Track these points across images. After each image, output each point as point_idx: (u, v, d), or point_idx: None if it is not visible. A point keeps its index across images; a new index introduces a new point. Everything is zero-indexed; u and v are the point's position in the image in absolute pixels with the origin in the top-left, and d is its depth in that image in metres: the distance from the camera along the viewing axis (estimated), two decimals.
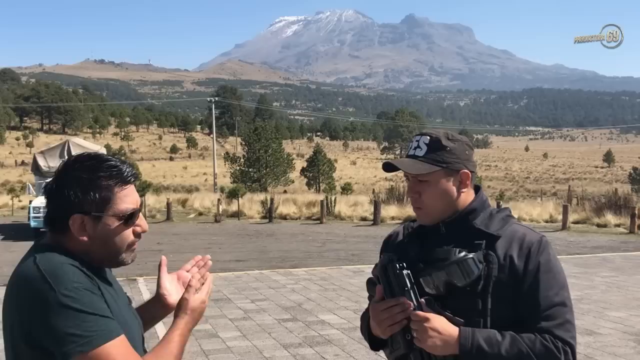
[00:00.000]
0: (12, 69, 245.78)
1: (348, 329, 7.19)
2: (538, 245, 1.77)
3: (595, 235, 18.42)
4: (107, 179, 1.56)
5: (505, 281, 1.72)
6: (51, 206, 1.59)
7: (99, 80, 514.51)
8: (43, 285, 1.44)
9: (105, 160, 1.59)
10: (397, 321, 1.68)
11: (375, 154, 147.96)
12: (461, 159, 1.84)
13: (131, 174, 1.61)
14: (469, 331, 1.67)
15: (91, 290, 1.47)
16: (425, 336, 1.65)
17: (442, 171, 1.81)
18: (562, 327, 1.70)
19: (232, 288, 10.01)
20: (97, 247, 1.57)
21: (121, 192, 1.58)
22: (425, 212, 1.84)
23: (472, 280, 1.68)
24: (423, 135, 1.88)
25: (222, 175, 60.32)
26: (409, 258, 1.78)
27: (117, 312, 1.56)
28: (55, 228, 1.59)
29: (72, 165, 1.58)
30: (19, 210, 27.62)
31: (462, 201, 1.85)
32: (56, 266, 1.48)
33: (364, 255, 14.00)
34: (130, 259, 1.64)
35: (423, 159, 1.82)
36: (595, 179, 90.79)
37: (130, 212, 1.59)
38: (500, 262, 1.73)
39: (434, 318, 1.66)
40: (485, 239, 1.77)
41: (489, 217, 1.84)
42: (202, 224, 22.74)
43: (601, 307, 8.47)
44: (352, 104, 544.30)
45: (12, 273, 1.56)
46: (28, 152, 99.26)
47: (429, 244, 1.81)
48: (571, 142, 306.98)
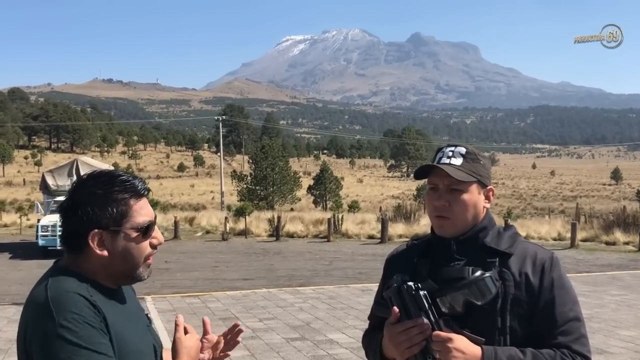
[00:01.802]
0: (21, 89, 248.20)
1: (357, 348, 7.15)
2: (550, 262, 1.80)
3: (604, 253, 18.31)
4: (123, 193, 1.58)
5: (522, 298, 1.73)
6: (67, 225, 1.59)
7: (107, 99, 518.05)
8: (45, 312, 1.47)
9: (118, 175, 1.62)
10: (416, 343, 1.66)
11: (382, 171, 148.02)
12: (489, 176, 1.89)
13: (144, 188, 1.63)
14: (492, 350, 1.66)
15: (91, 323, 1.47)
16: (449, 356, 1.62)
17: (476, 182, 1.83)
18: (579, 341, 1.73)
19: (239, 307, 9.99)
20: (117, 262, 1.59)
21: (136, 205, 1.60)
22: (452, 222, 1.82)
23: (490, 299, 1.68)
24: (457, 146, 1.89)
25: (229, 194, 60.36)
26: (421, 277, 1.76)
27: (127, 335, 1.56)
28: (72, 246, 1.60)
29: (86, 182, 1.60)
30: (27, 228, 27.71)
31: (481, 217, 1.86)
32: (62, 294, 1.49)
33: (372, 273, 13.94)
34: (146, 274, 1.65)
35: (461, 167, 1.82)
36: (603, 197, 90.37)
37: (147, 224, 1.61)
38: (516, 279, 1.74)
39: (457, 338, 1.64)
40: (498, 257, 1.77)
41: (498, 235, 1.84)
42: (210, 242, 22.74)
43: (612, 325, 8.40)
44: (358, 122, 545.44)
45: (30, 292, 1.60)
46: (36, 171, 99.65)
47: (439, 262, 1.80)
48: (578, 160, 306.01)
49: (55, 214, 17.93)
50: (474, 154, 1.86)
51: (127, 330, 1.57)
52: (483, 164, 1.86)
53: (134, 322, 1.64)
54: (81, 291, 1.51)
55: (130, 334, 1.58)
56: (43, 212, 20.24)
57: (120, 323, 1.56)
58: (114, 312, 1.57)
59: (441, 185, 1.83)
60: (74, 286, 1.52)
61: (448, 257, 1.81)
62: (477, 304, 1.68)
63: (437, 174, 1.83)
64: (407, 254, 1.96)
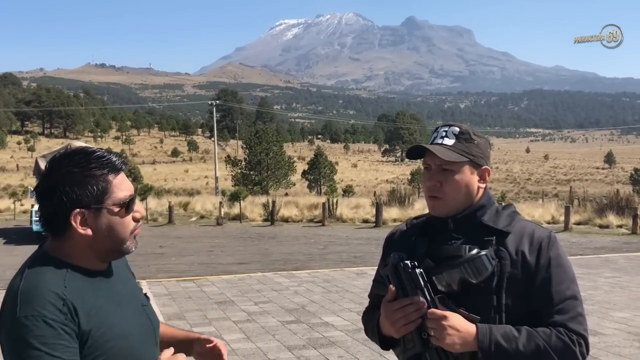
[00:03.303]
0: (13, 74, 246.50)
1: (352, 331, 7.18)
2: (548, 240, 1.79)
3: (598, 236, 18.41)
4: (100, 169, 1.55)
5: (518, 276, 1.72)
6: (46, 208, 1.55)
7: (100, 84, 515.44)
8: (13, 304, 1.46)
9: (93, 151, 1.58)
10: (412, 320, 1.67)
11: (376, 156, 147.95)
12: (485, 156, 1.87)
13: (121, 162, 1.60)
14: (487, 328, 1.66)
15: (50, 323, 1.43)
16: (444, 334, 1.63)
17: (468, 162, 1.82)
18: (575, 320, 1.72)
19: (235, 290, 10.01)
20: (102, 240, 1.56)
21: (115, 180, 1.57)
22: (444, 202, 1.82)
23: (486, 277, 1.68)
24: (451, 125, 1.88)
25: (224, 179, 60.28)
26: (418, 255, 1.77)
27: (113, 319, 1.54)
28: (53, 230, 1.56)
29: (61, 162, 1.55)
30: (21, 214, 27.66)
31: (476, 197, 1.85)
32: (32, 289, 1.47)
33: (367, 257, 13.99)
34: (133, 246, 1.63)
35: (452, 147, 1.81)
36: (596, 180, 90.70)
37: (129, 199, 1.58)
38: (512, 257, 1.74)
39: (451, 316, 1.65)
40: (495, 235, 1.77)
41: (496, 214, 1.84)
42: (204, 227, 22.74)
43: (605, 307, 8.47)
44: (352, 107, 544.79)
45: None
46: (29, 156, 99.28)
47: (437, 241, 1.81)
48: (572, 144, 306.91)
49: None
50: (467, 133, 1.84)
51: (113, 314, 1.55)
52: (477, 144, 1.84)
53: (123, 305, 1.61)
54: (53, 286, 1.48)
55: (116, 317, 1.55)
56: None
57: (104, 307, 1.54)
58: (95, 297, 1.54)
59: (433, 165, 1.83)
60: (47, 278, 1.49)
61: (446, 236, 1.81)
62: (473, 282, 1.68)
63: (429, 154, 1.83)
64: (406, 233, 1.96)
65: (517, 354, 1.65)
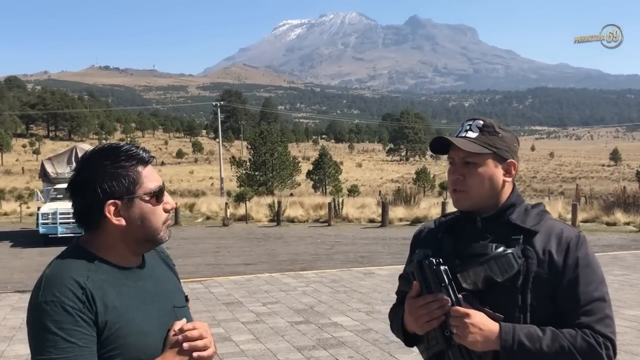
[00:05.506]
0: (17, 77, 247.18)
1: (361, 331, 7.15)
2: (576, 240, 1.75)
3: (605, 234, 18.33)
4: (130, 161, 1.60)
5: (545, 276, 1.70)
6: (80, 202, 1.60)
7: (104, 86, 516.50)
8: (37, 289, 1.52)
9: (121, 146, 1.64)
10: (435, 317, 1.66)
11: (381, 155, 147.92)
12: (510, 150, 1.84)
13: (148, 155, 1.66)
14: (510, 327, 1.65)
15: (68, 309, 1.47)
16: (466, 332, 1.62)
17: (492, 155, 1.80)
18: (603, 322, 1.68)
19: (242, 291, 9.99)
20: (135, 229, 1.60)
21: (144, 171, 1.62)
22: (467, 195, 1.80)
23: (511, 276, 1.67)
24: (476, 119, 1.87)
25: (229, 179, 60.34)
26: (444, 253, 1.76)
27: (134, 315, 1.56)
28: (87, 223, 1.61)
29: (92, 157, 1.61)
30: (27, 217, 27.72)
31: (503, 192, 1.83)
32: (56, 275, 1.52)
33: (374, 257, 13.96)
34: (167, 235, 1.68)
35: (475, 140, 1.80)
36: (602, 178, 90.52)
37: (159, 189, 1.63)
38: (540, 257, 1.72)
39: (474, 314, 1.64)
40: (523, 235, 1.75)
41: (525, 213, 1.81)
42: (210, 228, 22.74)
43: (615, 305, 8.33)
44: (356, 106, 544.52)
45: None
46: (35, 159, 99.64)
47: (464, 239, 1.79)
48: (577, 141, 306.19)
49: (55, 202, 17.93)
50: (491, 126, 1.83)
51: (134, 311, 1.57)
52: (502, 137, 1.82)
53: (148, 303, 1.62)
54: (76, 274, 1.52)
55: (138, 314, 1.57)
56: (43, 200, 20.20)
57: (125, 302, 1.56)
58: (118, 291, 1.56)
59: (457, 158, 1.81)
60: (73, 267, 1.54)
61: (474, 234, 1.79)
62: (498, 280, 1.67)
63: (453, 148, 1.82)
64: (433, 230, 1.94)
65: (541, 354, 1.62)
